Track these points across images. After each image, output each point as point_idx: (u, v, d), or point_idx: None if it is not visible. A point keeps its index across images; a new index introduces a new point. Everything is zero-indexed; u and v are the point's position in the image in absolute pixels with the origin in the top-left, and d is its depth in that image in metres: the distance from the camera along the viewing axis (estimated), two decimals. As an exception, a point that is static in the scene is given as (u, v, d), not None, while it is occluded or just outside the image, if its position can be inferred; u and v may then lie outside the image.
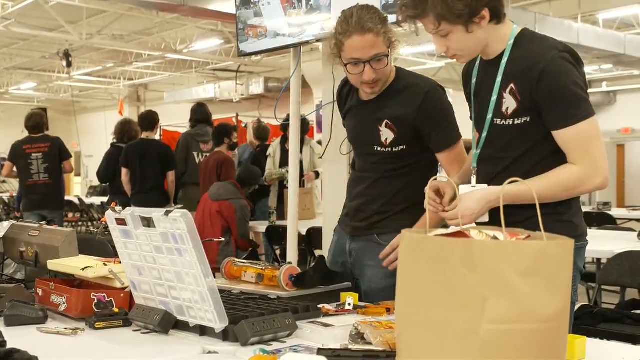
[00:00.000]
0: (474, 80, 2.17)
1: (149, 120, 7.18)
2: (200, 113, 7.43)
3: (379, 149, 2.51)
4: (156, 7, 9.43)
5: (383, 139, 2.49)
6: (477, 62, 2.16)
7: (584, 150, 1.95)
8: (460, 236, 1.27)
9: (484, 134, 2.10)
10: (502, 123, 2.05)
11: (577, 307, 3.43)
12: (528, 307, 1.19)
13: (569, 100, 1.94)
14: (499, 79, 2.03)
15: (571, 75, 1.95)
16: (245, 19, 4.41)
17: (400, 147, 2.48)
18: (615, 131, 17.36)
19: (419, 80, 2.53)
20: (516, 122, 2.02)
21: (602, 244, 4.52)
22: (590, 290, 4.89)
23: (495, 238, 1.26)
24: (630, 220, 8.21)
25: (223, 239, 5.67)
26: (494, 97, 2.05)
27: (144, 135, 7.14)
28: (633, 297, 4.21)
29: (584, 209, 8.86)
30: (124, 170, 6.97)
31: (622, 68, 14.88)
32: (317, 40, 4.26)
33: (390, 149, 2.50)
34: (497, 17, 2.01)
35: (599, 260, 4.65)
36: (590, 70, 16.43)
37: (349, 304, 2.11)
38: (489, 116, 2.08)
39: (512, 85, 2.01)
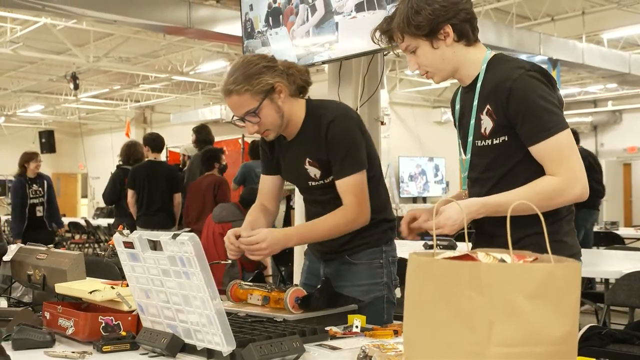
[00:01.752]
0: (457, 107, 2.25)
1: (157, 142, 7.24)
2: (203, 135, 7.48)
3: (312, 183, 2.56)
4: (163, 30, 9.52)
5: (312, 175, 2.54)
6: (460, 90, 2.25)
7: (561, 161, 1.98)
8: (468, 259, 1.27)
9: (468, 156, 2.16)
10: (482, 144, 2.12)
11: (585, 328, 3.41)
12: (535, 330, 1.18)
13: (540, 115, 1.98)
14: (475, 102, 2.10)
15: (539, 90, 1.99)
16: (253, 49, 4.46)
17: (329, 178, 2.50)
18: (621, 150, 17.36)
19: (325, 110, 2.50)
20: (495, 141, 2.08)
21: (610, 264, 4.51)
22: (599, 310, 4.86)
23: (502, 261, 1.26)
24: (638, 239, 8.19)
25: (230, 261, 5.66)
26: (472, 121, 2.12)
27: (151, 157, 7.18)
28: (642, 317, 4.18)
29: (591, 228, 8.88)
30: (130, 192, 7.00)
31: (627, 87, 14.92)
32: (323, 62, 4.30)
33: (322, 182, 2.53)
34: (464, 37, 2.10)
35: (607, 280, 4.63)
36: (595, 89, 16.48)
37: (357, 327, 2.11)
38: (470, 138, 2.14)
39: (487, 106, 2.07)
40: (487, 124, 2.08)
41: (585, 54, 11.03)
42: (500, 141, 2.07)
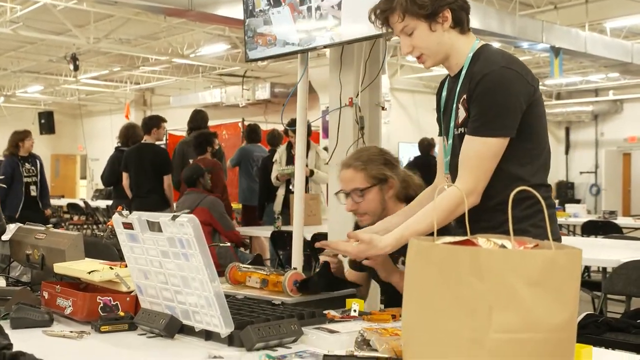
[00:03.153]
0: (443, 94, 2.31)
1: (146, 124, 7.23)
2: (195, 120, 7.47)
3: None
4: (163, 12, 9.45)
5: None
6: (447, 80, 2.30)
7: (471, 166, 2.09)
8: (468, 244, 1.27)
9: (450, 142, 2.24)
10: (457, 132, 2.19)
11: (582, 315, 3.42)
12: (535, 316, 1.18)
13: (486, 112, 2.06)
14: (458, 89, 2.18)
15: (504, 87, 2.05)
16: (255, 27, 4.42)
17: None
18: (621, 140, 17.36)
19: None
20: (465, 130, 2.15)
21: (608, 253, 4.51)
22: (596, 299, 4.87)
23: (503, 246, 1.26)
24: (636, 229, 8.18)
25: (228, 244, 5.65)
26: (454, 107, 2.20)
27: (144, 139, 7.18)
28: (638, 306, 4.19)
29: (590, 217, 8.92)
30: (124, 175, 7.05)
31: (629, 77, 14.88)
32: (325, 47, 4.28)
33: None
34: (460, 24, 2.17)
35: (604, 269, 4.64)
36: (597, 78, 16.44)
37: (355, 310, 2.11)
38: (452, 124, 2.22)
39: (464, 96, 2.14)
40: (461, 113, 2.16)
41: (587, 42, 10.99)
42: None
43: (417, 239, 1.32)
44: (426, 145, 9.65)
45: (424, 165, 8.17)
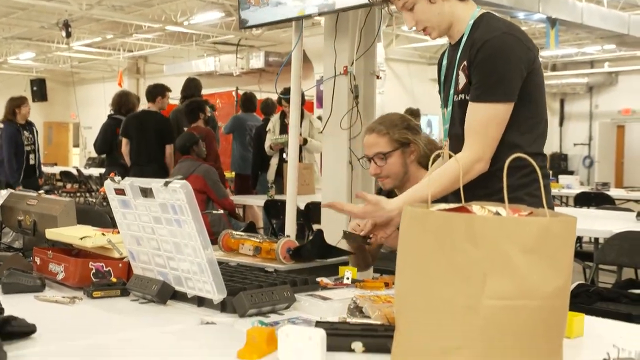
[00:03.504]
0: (444, 63, 2.31)
1: (151, 92, 7.15)
2: (188, 88, 7.40)
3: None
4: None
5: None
6: (447, 48, 2.30)
7: (477, 132, 2.08)
8: (463, 211, 1.26)
9: (449, 109, 2.24)
10: (457, 99, 2.20)
11: (574, 285, 3.44)
12: (529, 283, 1.18)
13: (489, 77, 2.06)
14: (458, 55, 2.17)
15: (505, 53, 2.06)
16: (250, -8, 4.37)
17: None
18: (615, 112, 17.35)
19: None
20: (467, 97, 2.15)
21: (601, 223, 4.53)
22: (587, 269, 4.90)
23: (497, 214, 1.25)
24: (628, 200, 8.22)
25: (221, 211, 5.65)
26: (454, 74, 2.20)
27: (147, 106, 7.12)
28: (630, 277, 4.22)
29: (583, 189, 8.95)
30: (124, 141, 6.95)
31: (625, 49, 14.81)
32: (320, 14, 4.23)
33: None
34: None
35: (596, 239, 4.66)
36: (592, 50, 16.38)
37: (347, 278, 2.11)
38: (451, 91, 2.22)
39: (464, 62, 2.14)
40: (461, 79, 2.16)
41: (584, 13, 10.90)
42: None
43: (411, 205, 1.31)
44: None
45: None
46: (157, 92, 7.12)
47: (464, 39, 2.16)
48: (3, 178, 7.75)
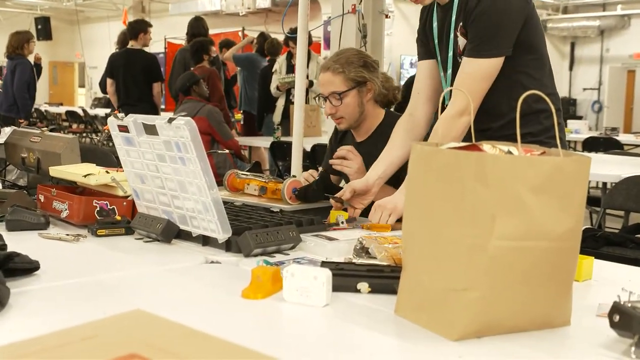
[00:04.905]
0: (434, 25, 2.28)
1: (133, 27, 7.03)
2: (196, 27, 7.29)
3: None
4: None
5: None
6: (435, 8, 2.28)
7: (463, 85, 2.07)
8: (473, 149, 1.23)
9: (449, 72, 2.23)
10: (460, 60, 2.18)
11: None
12: (539, 224, 1.15)
13: (484, 34, 2.07)
14: (453, 18, 2.16)
15: (502, 7, 2.06)
16: None
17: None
18: (627, 56, 17.10)
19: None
20: None
21: (609, 168, 4.50)
22: (594, 214, 4.89)
23: (509, 153, 1.22)
24: (637, 146, 8.17)
25: (226, 151, 5.62)
26: (451, 36, 2.18)
27: (130, 44, 7.01)
28: (637, 222, 4.20)
29: (591, 134, 8.89)
30: (108, 81, 6.89)
31: (639, -9, 14.49)
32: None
33: None
34: None
35: (604, 184, 4.63)
36: (605, -8, 16.04)
37: (342, 222, 2.07)
38: (450, 54, 2.21)
39: (460, 23, 2.14)
40: (461, 41, 2.15)
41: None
42: None
43: (420, 144, 1.28)
44: None
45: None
46: (139, 27, 6.99)
47: (455, 0, 2.15)
48: (5, 113, 7.68)
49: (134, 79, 6.74)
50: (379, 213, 2.16)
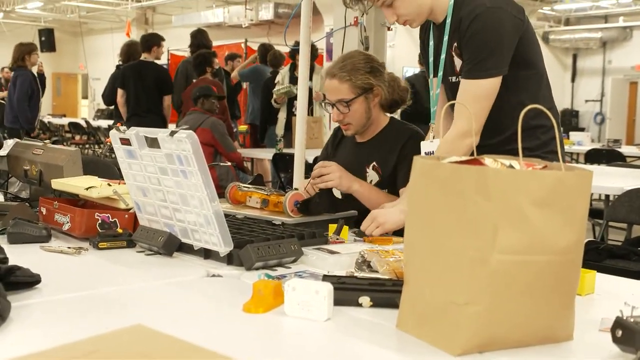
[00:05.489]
0: (431, 43, 2.30)
1: (147, 40, 7.07)
2: (199, 39, 7.31)
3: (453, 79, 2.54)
4: None
5: (368, 180, 2.58)
6: (431, 27, 2.29)
7: (466, 108, 2.04)
8: (475, 164, 1.23)
9: (438, 91, 2.26)
10: (455, 81, 2.19)
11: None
12: (541, 238, 1.15)
13: (480, 55, 2.07)
14: (445, 38, 2.17)
15: (495, 27, 2.06)
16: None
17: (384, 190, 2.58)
18: (629, 68, 17.10)
19: (405, 126, 2.65)
20: None
21: (612, 180, 4.49)
22: (597, 226, 4.88)
23: (511, 167, 1.22)
24: (639, 158, 8.15)
25: (228, 163, 5.62)
26: (443, 56, 2.20)
27: (142, 57, 7.05)
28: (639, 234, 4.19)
29: (594, 146, 8.88)
30: (119, 92, 6.92)
31: (641, 3, 14.52)
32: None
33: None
34: None
35: (607, 196, 4.62)
36: (607, 4, 16.09)
37: (337, 239, 2.06)
38: (440, 73, 2.23)
39: (455, 44, 2.15)
40: (457, 61, 2.16)
41: (600, -34, 10.69)
42: None
43: (422, 157, 1.28)
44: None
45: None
46: (153, 41, 7.04)
47: (448, 21, 2.16)
48: (10, 124, 7.69)
49: (146, 90, 6.77)
50: (369, 222, 2.17)
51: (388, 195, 2.50)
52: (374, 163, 2.58)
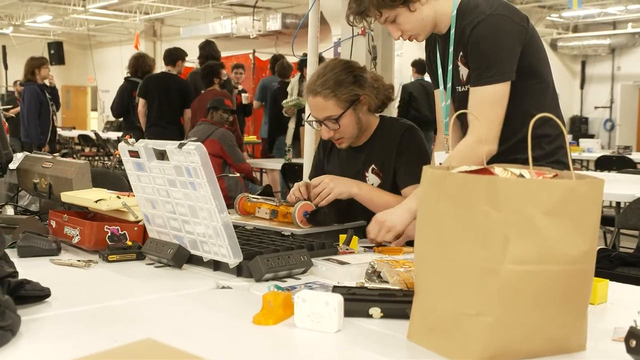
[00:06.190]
0: (438, 54, 2.29)
1: (173, 54, 7.12)
2: (208, 50, 7.35)
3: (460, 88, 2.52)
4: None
5: (369, 184, 2.55)
6: (437, 39, 2.28)
7: (478, 115, 2.04)
8: (485, 173, 1.22)
9: (448, 102, 2.25)
10: (462, 90, 2.19)
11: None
12: (552, 248, 1.14)
13: (485, 62, 2.07)
14: (451, 49, 2.17)
15: (498, 33, 2.06)
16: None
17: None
18: (638, 74, 17.05)
19: (397, 123, 2.60)
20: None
21: (623, 187, 4.46)
22: (608, 234, 4.85)
23: (521, 176, 1.21)
24: (650, 164, 8.10)
25: (237, 174, 5.63)
26: (450, 67, 2.20)
27: (166, 69, 7.09)
28: (651, 241, 4.16)
29: (604, 152, 8.85)
30: (141, 101, 6.91)
31: (649, 9, 14.47)
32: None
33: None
34: None
35: (618, 204, 4.59)
36: (615, 10, 16.05)
37: (347, 249, 2.05)
38: (449, 84, 2.23)
39: (461, 53, 2.15)
40: (463, 70, 2.16)
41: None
42: None
43: (431, 168, 1.27)
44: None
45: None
46: (177, 55, 7.12)
47: (452, 32, 2.16)
48: (25, 139, 7.75)
49: (170, 102, 6.81)
50: (377, 229, 2.13)
51: (391, 195, 2.45)
52: (373, 166, 2.54)
